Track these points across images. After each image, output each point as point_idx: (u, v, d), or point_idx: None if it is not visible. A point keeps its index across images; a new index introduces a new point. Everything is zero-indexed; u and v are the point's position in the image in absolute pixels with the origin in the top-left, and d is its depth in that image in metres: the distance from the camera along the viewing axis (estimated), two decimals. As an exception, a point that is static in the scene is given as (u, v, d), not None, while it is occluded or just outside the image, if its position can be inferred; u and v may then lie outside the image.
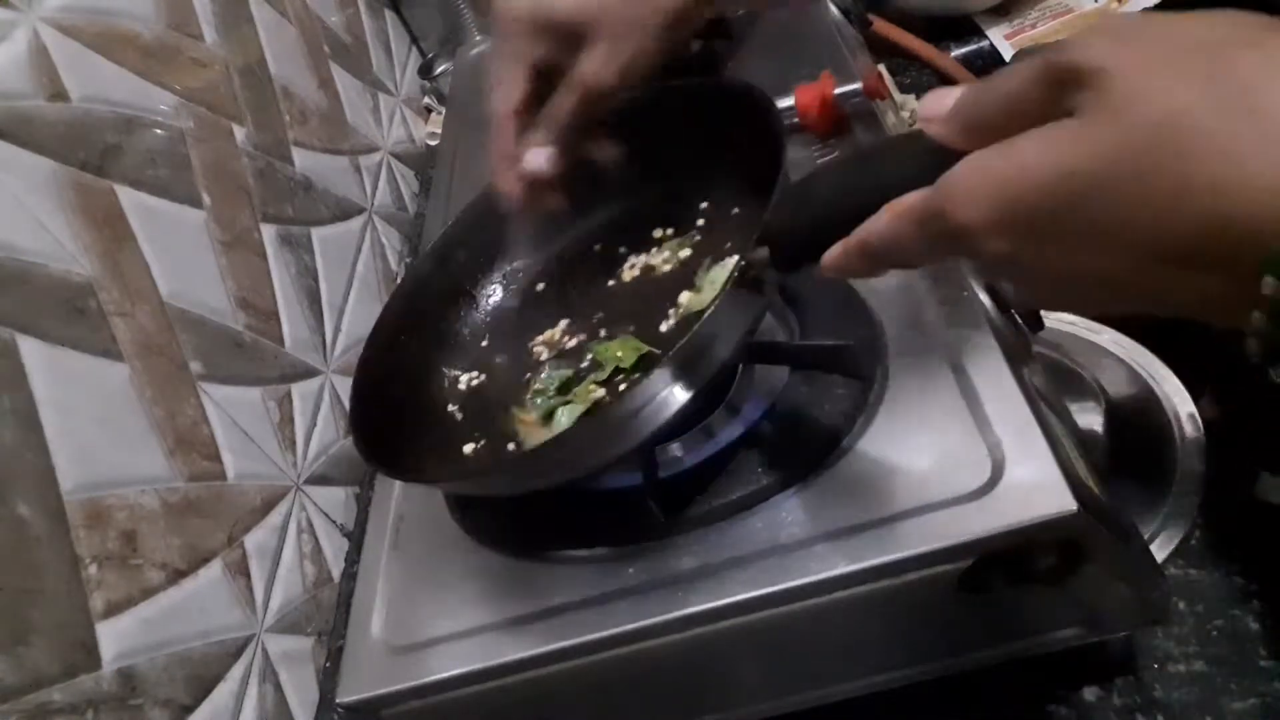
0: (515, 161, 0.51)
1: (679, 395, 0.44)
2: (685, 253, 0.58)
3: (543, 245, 0.65)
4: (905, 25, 1.00)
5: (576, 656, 0.46)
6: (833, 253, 0.35)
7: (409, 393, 0.58)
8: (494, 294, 0.65)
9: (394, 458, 0.52)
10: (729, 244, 0.55)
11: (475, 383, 0.60)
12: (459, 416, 0.58)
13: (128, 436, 0.56)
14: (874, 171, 0.36)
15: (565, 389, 0.54)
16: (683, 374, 0.43)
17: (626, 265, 0.60)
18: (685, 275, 0.56)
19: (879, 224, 0.32)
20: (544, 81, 0.51)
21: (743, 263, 0.42)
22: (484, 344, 0.62)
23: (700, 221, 0.59)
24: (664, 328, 0.54)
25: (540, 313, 0.62)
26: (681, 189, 0.60)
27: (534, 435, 0.53)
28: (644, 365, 0.52)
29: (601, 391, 0.52)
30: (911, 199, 0.31)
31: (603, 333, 0.57)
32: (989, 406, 0.46)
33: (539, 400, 0.55)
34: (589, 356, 0.56)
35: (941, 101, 0.31)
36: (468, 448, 0.55)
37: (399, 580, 0.53)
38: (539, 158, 0.50)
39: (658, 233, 0.60)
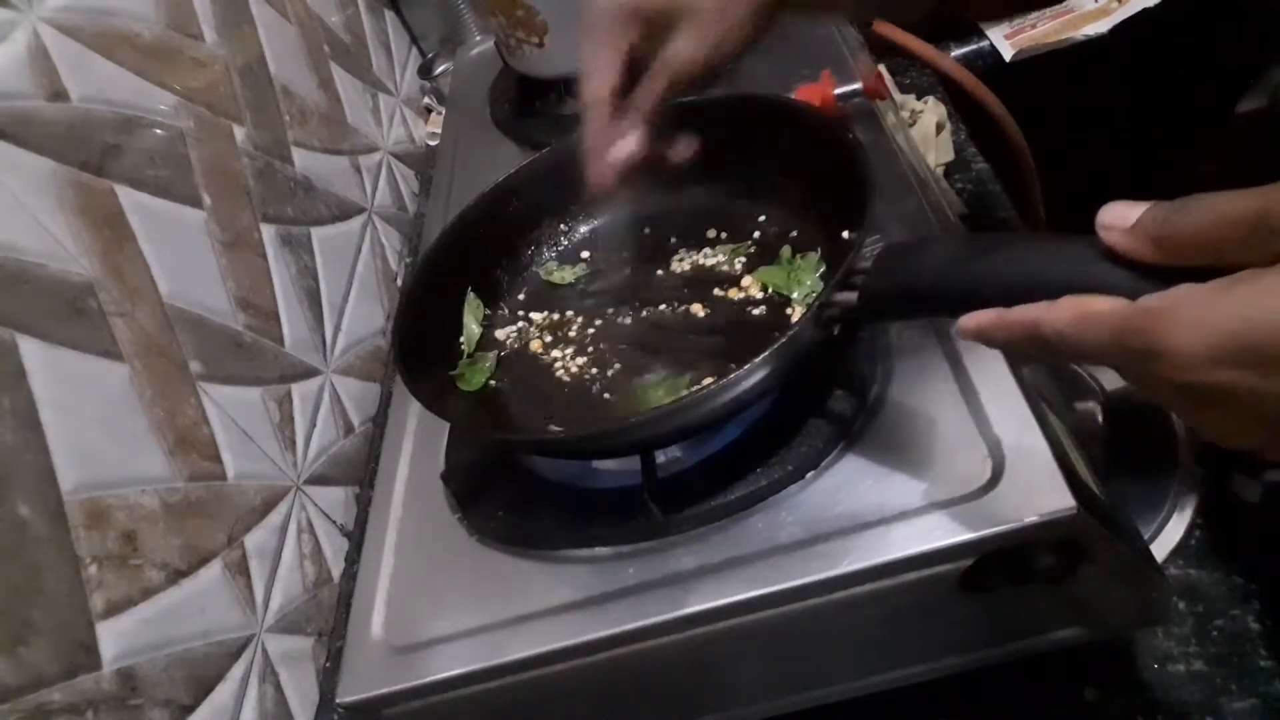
0: (607, 148, 0.52)
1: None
2: (740, 260, 0.59)
3: (591, 216, 0.67)
4: (905, 25, 1.00)
5: (576, 656, 0.46)
6: (981, 319, 0.36)
7: (444, 328, 0.60)
8: (535, 251, 0.66)
9: (437, 401, 0.53)
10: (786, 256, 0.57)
11: (509, 338, 0.61)
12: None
13: (128, 436, 0.56)
14: (1003, 259, 0.37)
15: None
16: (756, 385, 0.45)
17: (675, 257, 0.61)
18: (736, 280, 0.57)
19: (1059, 316, 0.32)
20: (632, 70, 0.51)
21: (825, 300, 0.42)
22: (520, 296, 0.64)
23: (756, 234, 0.60)
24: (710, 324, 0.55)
25: (586, 280, 0.64)
26: (743, 197, 0.61)
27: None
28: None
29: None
30: (1106, 306, 0.31)
31: (646, 312, 0.59)
32: (989, 406, 0.46)
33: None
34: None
35: (1124, 214, 0.32)
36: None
37: (399, 580, 0.53)
38: (631, 143, 0.51)
39: (711, 233, 0.62)
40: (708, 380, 0.50)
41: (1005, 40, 1.03)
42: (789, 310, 0.54)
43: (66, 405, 0.51)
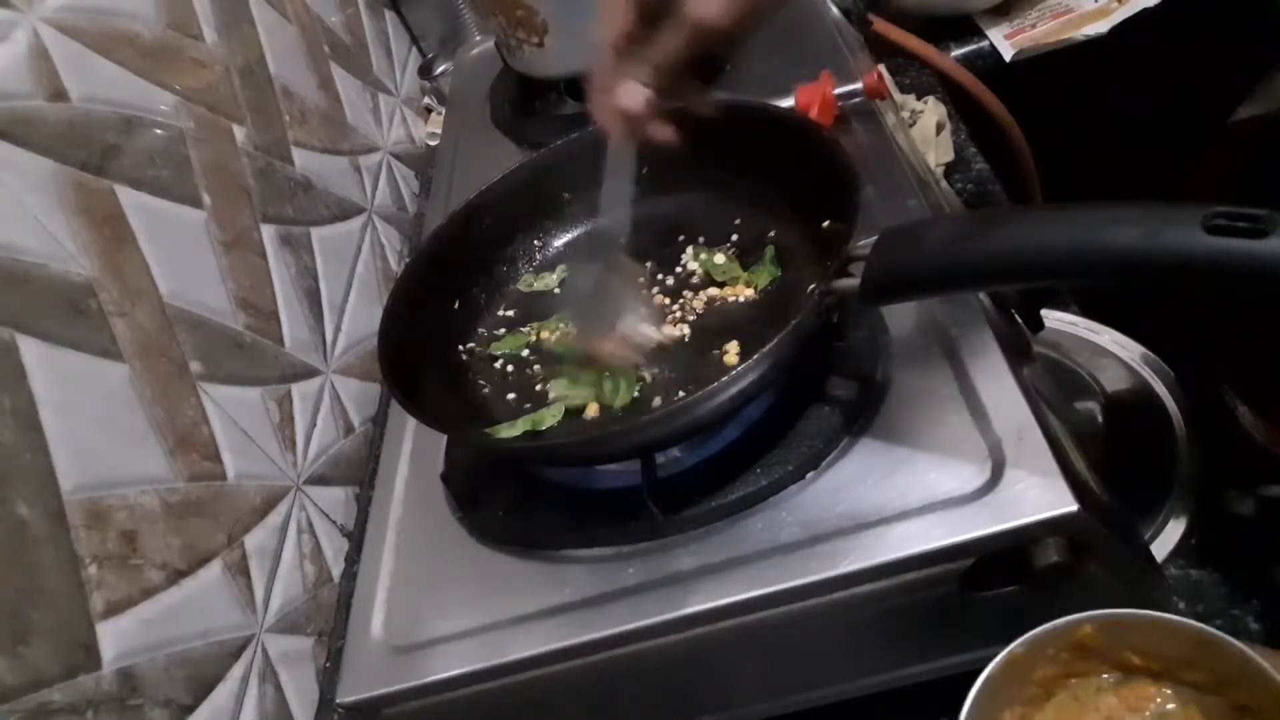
0: (610, 95, 0.49)
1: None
2: (719, 259, 0.59)
3: (564, 230, 0.66)
4: (905, 25, 1.00)
5: (576, 656, 0.46)
6: None
7: (430, 344, 0.60)
8: (511, 268, 0.66)
9: (437, 419, 0.53)
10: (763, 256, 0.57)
11: (496, 348, 0.61)
12: (482, 385, 0.59)
13: (128, 436, 0.56)
14: (1004, 233, 0.37)
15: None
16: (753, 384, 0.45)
17: (654, 264, 0.61)
18: (719, 283, 0.57)
19: None
20: (648, 20, 0.48)
21: (824, 288, 0.42)
22: (500, 312, 0.64)
23: (734, 236, 0.60)
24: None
25: (565, 291, 0.63)
26: (715, 202, 0.61)
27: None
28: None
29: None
30: None
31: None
32: (989, 407, 0.46)
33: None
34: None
35: None
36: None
37: (399, 580, 0.53)
38: (636, 95, 0.48)
39: (687, 238, 0.61)
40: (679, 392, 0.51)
41: (1005, 40, 1.03)
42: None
43: (66, 405, 0.51)
